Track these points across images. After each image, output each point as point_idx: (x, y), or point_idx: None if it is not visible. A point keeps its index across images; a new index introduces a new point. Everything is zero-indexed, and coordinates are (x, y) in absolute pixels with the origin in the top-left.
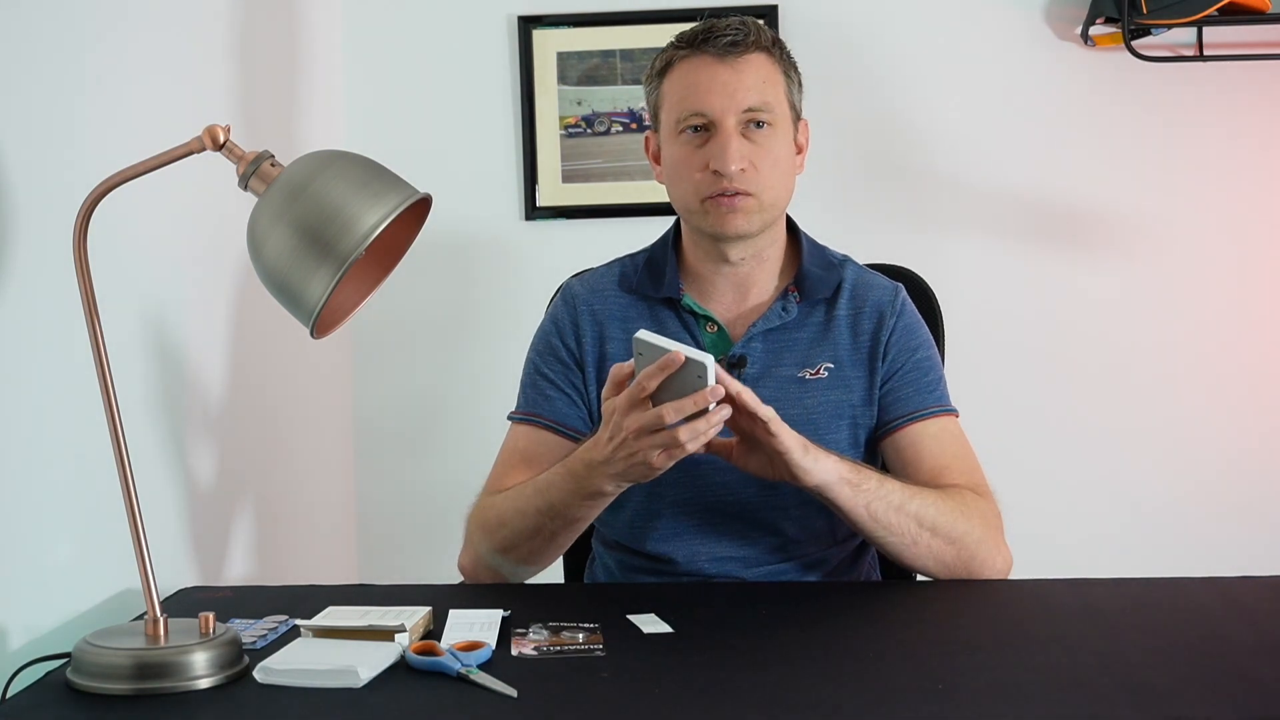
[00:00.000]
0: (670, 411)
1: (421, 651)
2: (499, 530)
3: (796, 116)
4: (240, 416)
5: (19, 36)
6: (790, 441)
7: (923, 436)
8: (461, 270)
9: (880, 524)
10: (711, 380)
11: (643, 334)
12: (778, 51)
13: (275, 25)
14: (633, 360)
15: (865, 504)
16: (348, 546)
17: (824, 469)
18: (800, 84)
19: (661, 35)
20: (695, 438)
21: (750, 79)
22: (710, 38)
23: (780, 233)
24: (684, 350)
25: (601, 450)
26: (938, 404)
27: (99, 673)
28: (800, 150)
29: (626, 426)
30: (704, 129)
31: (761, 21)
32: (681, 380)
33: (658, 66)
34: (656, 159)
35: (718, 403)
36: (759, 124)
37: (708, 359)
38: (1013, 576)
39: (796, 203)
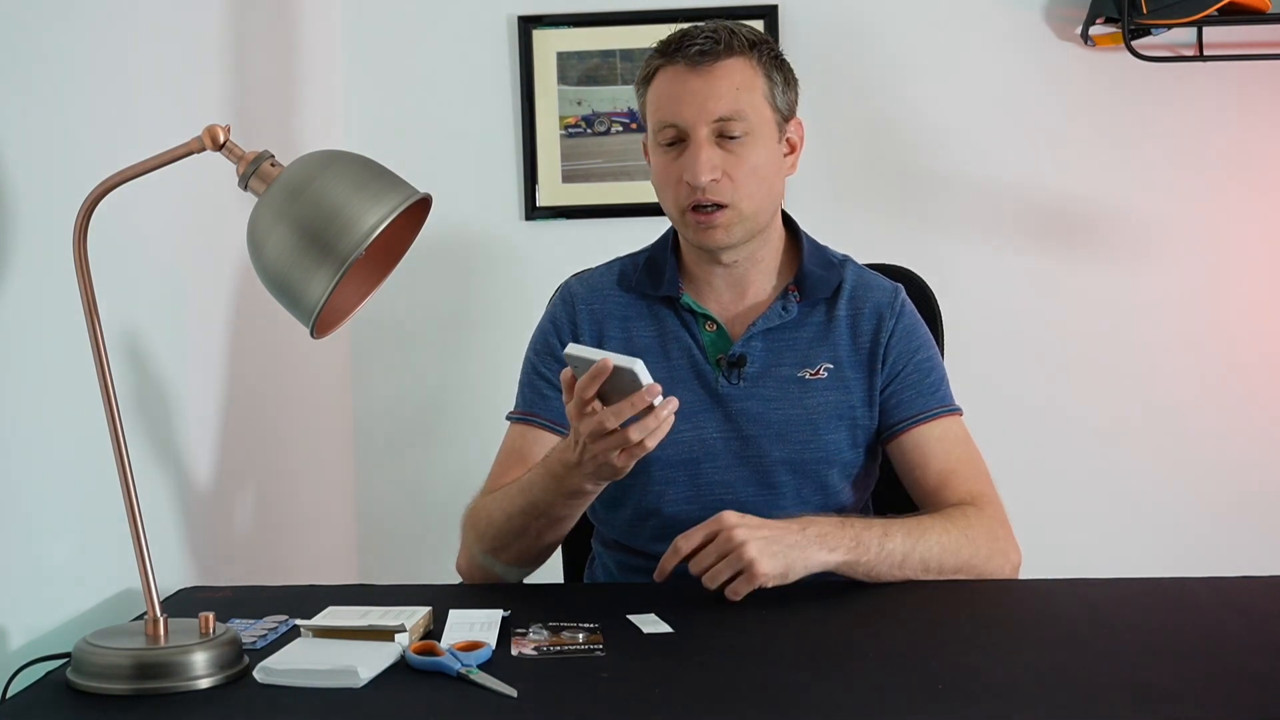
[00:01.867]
0: (610, 416)
1: (421, 651)
2: (487, 531)
3: (785, 118)
4: (240, 416)
5: (19, 37)
6: (770, 573)
7: (927, 439)
8: (461, 270)
9: (886, 579)
10: (645, 380)
11: (571, 347)
12: (756, 54)
13: (274, 25)
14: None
15: (866, 573)
16: (348, 546)
17: (814, 564)
18: (789, 82)
19: (661, 35)
20: (647, 434)
21: (722, 87)
22: (682, 46)
23: (774, 234)
24: (612, 357)
25: (572, 453)
26: (941, 404)
27: (99, 673)
28: (793, 149)
29: (581, 432)
30: (679, 140)
31: (747, 24)
32: (621, 383)
33: (642, 75)
34: None
35: (664, 397)
36: (734, 133)
37: (636, 362)
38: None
39: (796, 202)
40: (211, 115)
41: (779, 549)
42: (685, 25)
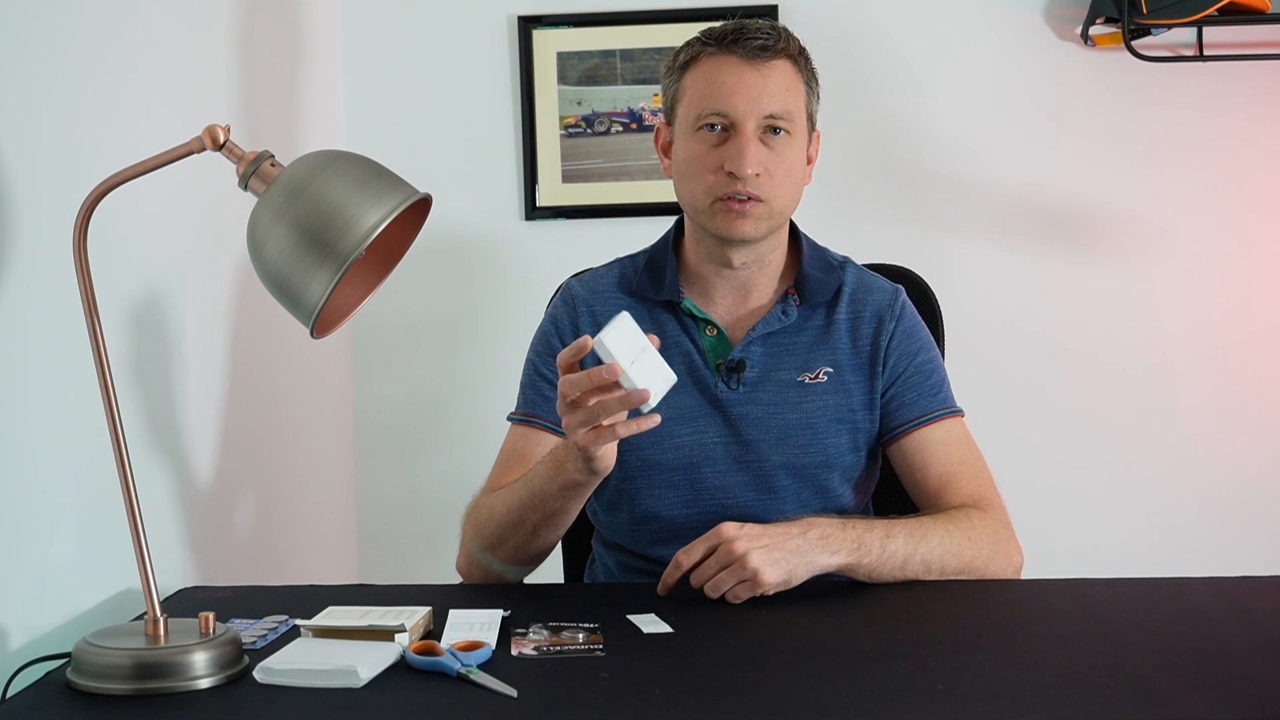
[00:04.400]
0: (568, 383)
1: (421, 651)
2: (487, 525)
3: (811, 127)
4: (240, 417)
5: (19, 36)
6: (774, 582)
7: (929, 442)
8: (461, 270)
9: (888, 580)
10: (605, 358)
11: (606, 335)
12: (803, 61)
13: (275, 25)
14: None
15: (868, 574)
16: (348, 546)
17: (816, 567)
18: (818, 96)
19: (661, 35)
20: (607, 413)
21: (775, 85)
22: (741, 39)
23: (782, 237)
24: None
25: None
26: (942, 406)
27: (99, 673)
28: (810, 161)
29: (558, 404)
30: (723, 129)
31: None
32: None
33: (681, 60)
34: (666, 152)
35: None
36: (777, 131)
37: (604, 342)
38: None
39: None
40: (211, 115)
41: (780, 556)
42: (740, 19)
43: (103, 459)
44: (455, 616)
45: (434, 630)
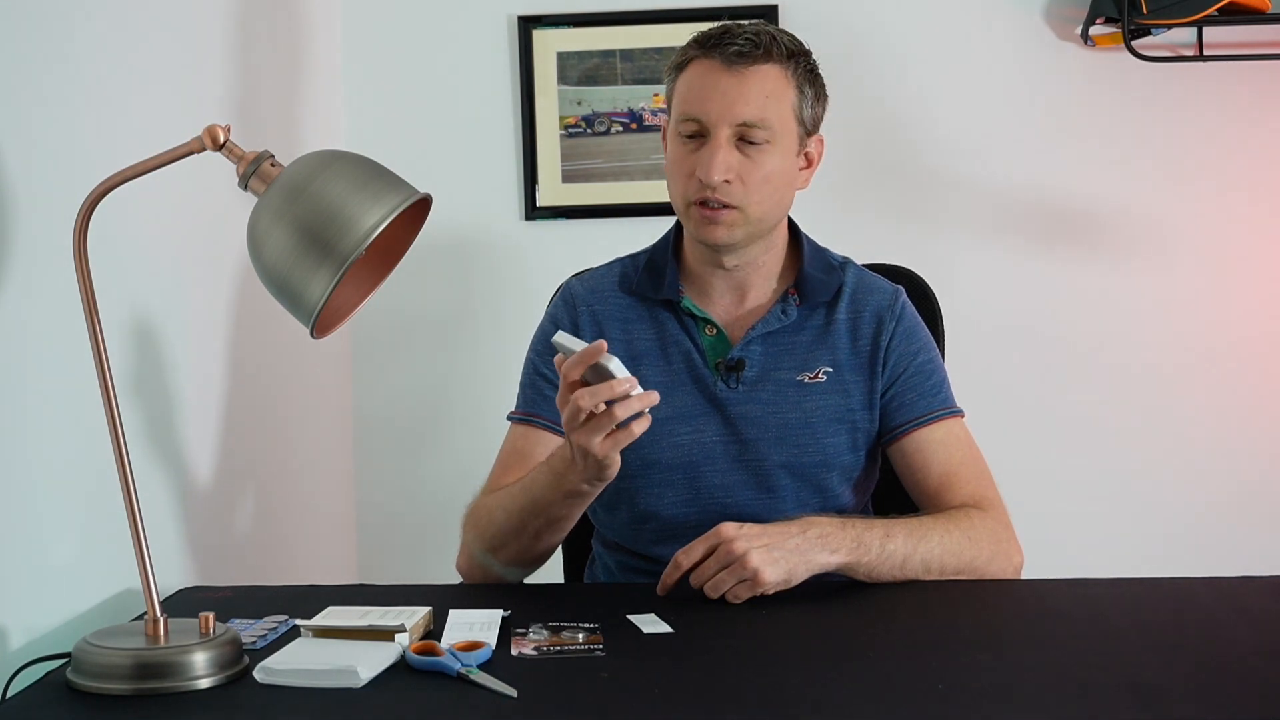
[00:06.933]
0: (585, 397)
1: (421, 651)
2: (488, 529)
3: (808, 131)
4: (240, 417)
5: (19, 37)
6: (774, 581)
7: (929, 442)
8: (461, 270)
9: (887, 579)
10: (620, 373)
11: (560, 335)
12: (793, 64)
13: (275, 25)
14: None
15: (867, 574)
16: (348, 546)
17: (815, 566)
18: (819, 97)
19: (661, 35)
20: (630, 413)
21: (753, 91)
22: (722, 43)
23: (777, 239)
24: (570, 342)
25: (569, 449)
26: (942, 406)
27: (99, 673)
28: (810, 164)
29: (565, 420)
30: (699, 134)
31: (789, 31)
32: (602, 376)
33: (676, 61)
34: None
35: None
36: (755, 139)
37: (611, 358)
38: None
39: (796, 202)
40: (212, 115)
41: (780, 555)
42: (729, 23)
43: (103, 459)
44: (455, 616)
45: (434, 630)
